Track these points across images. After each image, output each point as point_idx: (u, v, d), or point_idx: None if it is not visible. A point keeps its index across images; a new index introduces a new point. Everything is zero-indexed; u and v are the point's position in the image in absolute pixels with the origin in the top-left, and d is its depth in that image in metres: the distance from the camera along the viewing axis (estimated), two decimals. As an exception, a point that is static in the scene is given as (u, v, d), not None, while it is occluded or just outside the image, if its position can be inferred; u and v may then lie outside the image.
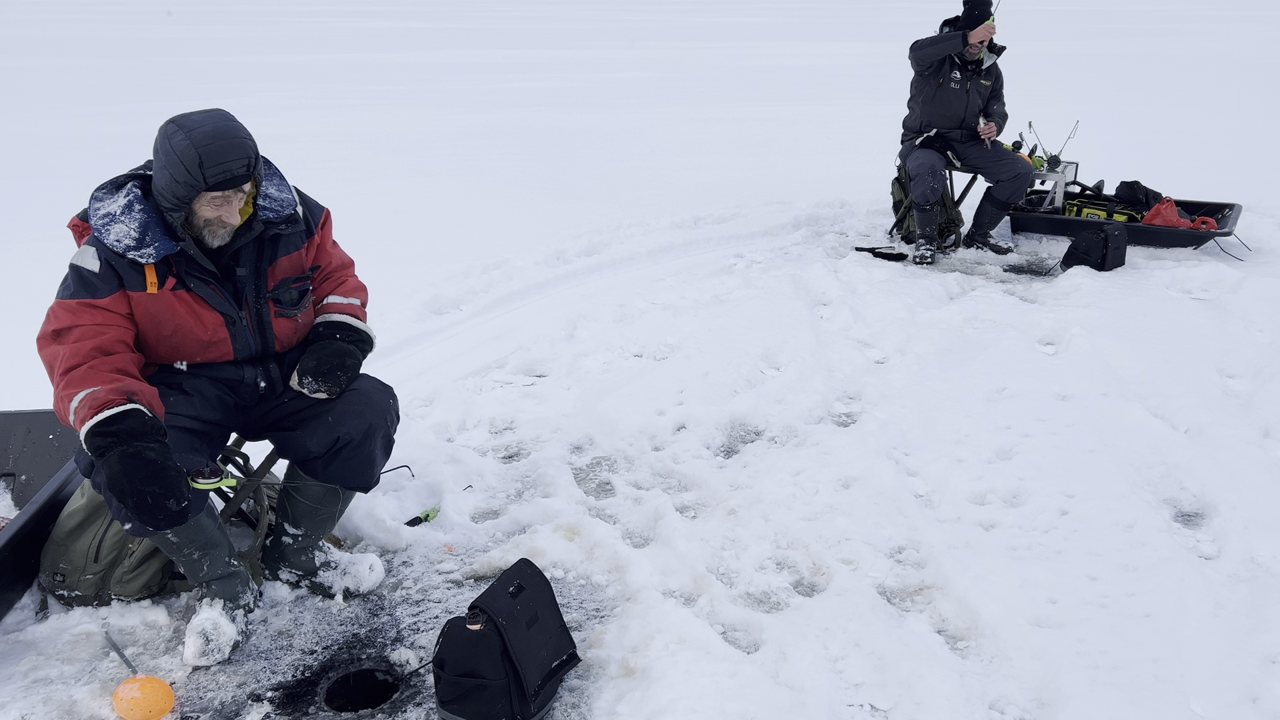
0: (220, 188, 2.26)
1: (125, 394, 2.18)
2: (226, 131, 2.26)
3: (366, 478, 2.62)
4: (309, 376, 2.50)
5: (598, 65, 18.16)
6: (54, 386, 2.25)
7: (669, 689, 2.25)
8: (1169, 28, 26.21)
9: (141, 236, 2.30)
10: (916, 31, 6.48)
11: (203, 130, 2.24)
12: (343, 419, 2.51)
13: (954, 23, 5.81)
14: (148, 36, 24.46)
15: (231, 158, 2.24)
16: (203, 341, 2.45)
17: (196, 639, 2.43)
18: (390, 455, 2.68)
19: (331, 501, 2.69)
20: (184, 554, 2.48)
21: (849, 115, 11.45)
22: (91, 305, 2.30)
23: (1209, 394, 3.90)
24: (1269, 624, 2.53)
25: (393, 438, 2.65)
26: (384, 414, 2.57)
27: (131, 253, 2.29)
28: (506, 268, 5.66)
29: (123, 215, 2.31)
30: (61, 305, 2.31)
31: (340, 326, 2.63)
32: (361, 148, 9.89)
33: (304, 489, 2.65)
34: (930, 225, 5.85)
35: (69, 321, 2.29)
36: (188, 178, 2.23)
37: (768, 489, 3.25)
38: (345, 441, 2.51)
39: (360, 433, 2.52)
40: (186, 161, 2.22)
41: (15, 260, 5.62)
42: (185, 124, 2.25)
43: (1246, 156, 8.87)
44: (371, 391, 2.58)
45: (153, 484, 2.11)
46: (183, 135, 2.23)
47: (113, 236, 2.29)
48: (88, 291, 2.31)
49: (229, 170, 2.24)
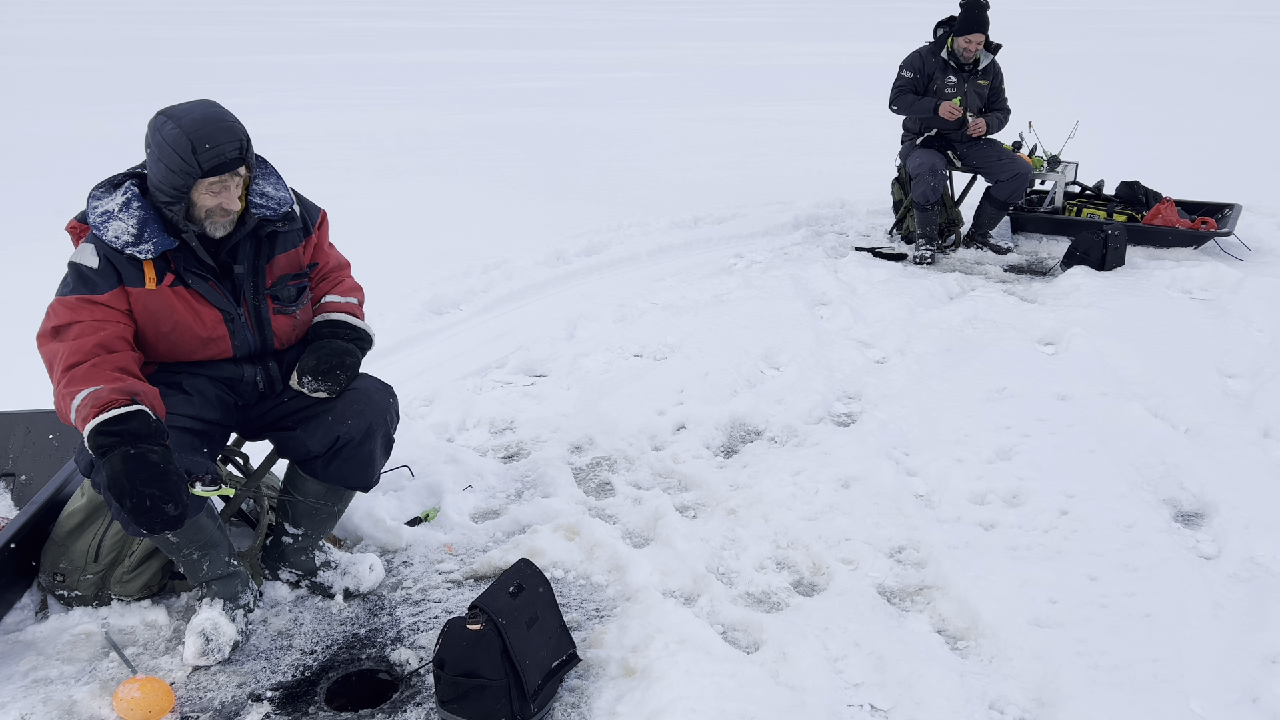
0: (215, 172, 2.28)
1: (129, 394, 2.18)
2: (215, 117, 2.29)
3: (366, 477, 2.62)
4: (309, 376, 2.50)
5: (598, 65, 18.16)
6: (54, 383, 2.24)
7: (669, 689, 2.25)
8: (1169, 28, 26.21)
9: (140, 232, 2.31)
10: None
11: (191, 117, 2.26)
12: (343, 418, 2.51)
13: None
14: (148, 36, 24.46)
15: (223, 141, 2.26)
16: (201, 338, 2.45)
17: (196, 639, 2.43)
18: (390, 454, 2.68)
19: (332, 501, 2.69)
20: (184, 554, 2.48)
21: (849, 115, 11.46)
22: (91, 301, 2.30)
23: (1209, 394, 3.90)
24: (1269, 624, 2.53)
25: (393, 437, 2.65)
26: (384, 413, 2.57)
27: (130, 248, 2.30)
28: (506, 268, 5.66)
29: (120, 212, 2.32)
30: (61, 302, 2.32)
31: (339, 325, 2.63)
32: (361, 148, 9.89)
33: (304, 488, 2.65)
34: (930, 225, 5.85)
35: (69, 318, 2.29)
36: (183, 166, 2.25)
37: (768, 489, 3.26)
38: (345, 441, 2.51)
39: (360, 432, 2.52)
40: (180, 149, 2.24)
41: (15, 260, 5.62)
42: (174, 114, 2.28)
43: (1246, 156, 8.87)
44: (371, 391, 2.58)
45: (153, 487, 2.11)
46: (173, 125, 2.25)
47: (111, 233, 2.30)
48: (87, 288, 2.31)
49: (222, 154, 2.26)
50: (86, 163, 8.36)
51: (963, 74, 5.75)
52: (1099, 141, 8.11)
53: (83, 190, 2.53)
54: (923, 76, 5.76)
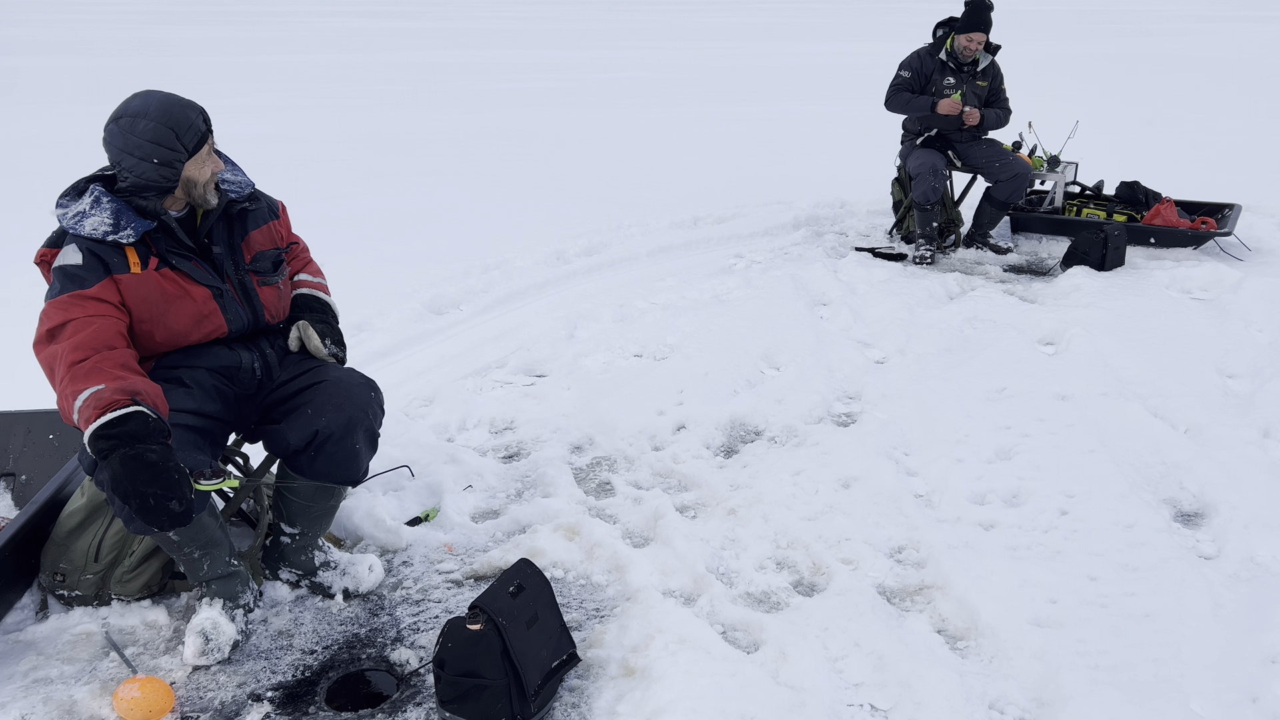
0: (199, 147, 2.39)
1: (130, 394, 2.18)
2: (173, 101, 2.39)
3: (351, 471, 2.60)
4: (329, 341, 2.67)
5: (598, 65, 18.16)
6: (57, 384, 2.25)
7: (669, 689, 2.25)
8: (1169, 28, 26.21)
9: (116, 221, 2.36)
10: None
11: (156, 109, 2.34)
12: (321, 411, 2.51)
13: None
14: (148, 36, 24.46)
15: (192, 117, 2.38)
16: (195, 316, 2.47)
17: (196, 638, 2.43)
18: (376, 449, 2.66)
19: (323, 498, 2.68)
20: (185, 553, 2.48)
21: (849, 115, 11.46)
22: (81, 297, 2.32)
23: (1209, 394, 3.90)
24: (1269, 624, 2.53)
25: (376, 432, 2.62)
26: (364, 408, 2.56)
27: (110, 236, 2.35)
28: (506, 268, 5.66)
29: (93, 209, 2.37)
30: (52, 305, 2.33)
31: (319, 301, 2.80)
32: (361, 148, 9.89)
33: (294, 487, 2.66)
34: (930, 225, 5.85)
35: (61, 318, 2.29)
36: (170, 154, 2.33)
37: (768, 489, 3.26)
38: (325, 435, 2.51)
39: (339, 426, 2.51)
40: (163, 141, 2.32)
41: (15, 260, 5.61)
42: (134, 112, 2.34)
43: (1246, 156, 8.87)
44: (352, 386, 2.57)
45: (154, 485, 2.11)
46: (144, 121, 2.32)
47: (89, 227, 2.35)
48: (75, 284, 2.33)
49: (197, 128, 2.39)
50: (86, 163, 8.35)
51: (961, 74, 5.76)
52: (1099, 141, 8.11)
53: (83, 191, 2.53)
54: (920, 76, 5.76)
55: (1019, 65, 8.21)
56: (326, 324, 2.72)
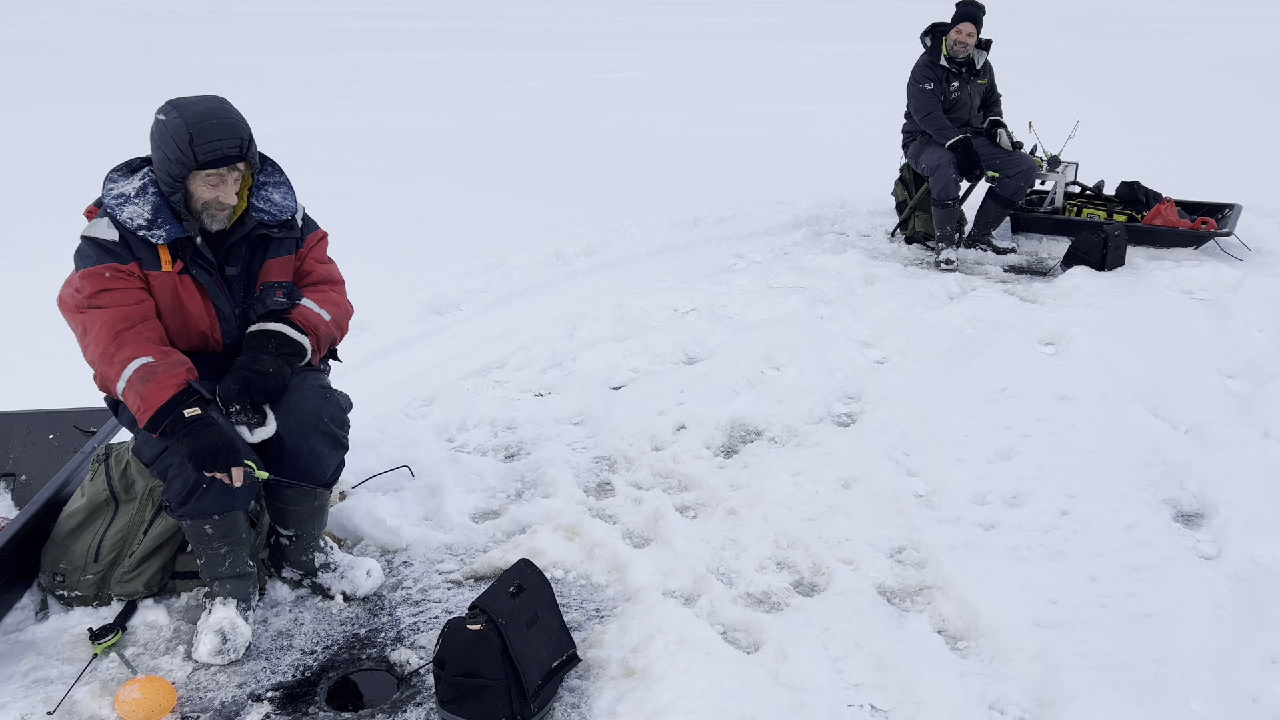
0: (210, 166, 2.31)
1: (185, 367, 2.32)
2: (219, 111, 2.33)
3: (317, 473, 2.58)
4: (235, 404, 2.38)
5: (598, 65, 18.15)
6: (94, 349, 2.31)
7: (669, 689, 2.25)
8: (1169, 28, 26.21)
9: (153, 218, 2.36)
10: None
11: (195, 109, 2.31)
12: (275, 416, 2.50)
13: (933, 31, 5.81)
14: (148, 36, 24.45)
15: (221, 136, 2.30)
16: (202, 330, 2.50)
17: (214, 637, 2.43)
18: (344, 449, 2.64)
19: (305, 500, 2.66)
20: (213, 547, 2.49)
21: (849, 115, 11.45)
22: (119, 270, 2.35)
23: (1209, 394, 3.90)
24: (1269, 624, 2.53)
25: (338, 434, 2.59)
26: (316, 413, 2.53)
27: (143, 231, 2.35)
28: (506, 268, 5.66)
29: (136, 197, 2.37)
30: (90, 272, 2.34)
31: (270, 336, 2.50)
32: (361, 148, 9.89)
33: (276, 490, 2.65)
34: (950, 224, 5.77)
35: (101, 285, 2.33)
36: (179, 155, 2.30)
37: (768, 489, 3.25)
38: (280, 439, 2.49)
39: (293, 430, 2.50)
40: (178, 139, 2.29)
41: (16, 260, 5.62)
42: (180, 104, 2.34)
43: (1246, 156, 8.87)
44: (305, 391, 2.54)
45: (231, 461, 2.27)
46: (176, 114, 2.31)
47: (125, 215, 2.36)
48: (112, 257, 2.35)
49: (220, 149, 2.29)
50: (86, 163, 8.36)
51: (963, 76, 5.77)
52: (1099, 141, 8.11)
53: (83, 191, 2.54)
54: (939, 87, 5.76)
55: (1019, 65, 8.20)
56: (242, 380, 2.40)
